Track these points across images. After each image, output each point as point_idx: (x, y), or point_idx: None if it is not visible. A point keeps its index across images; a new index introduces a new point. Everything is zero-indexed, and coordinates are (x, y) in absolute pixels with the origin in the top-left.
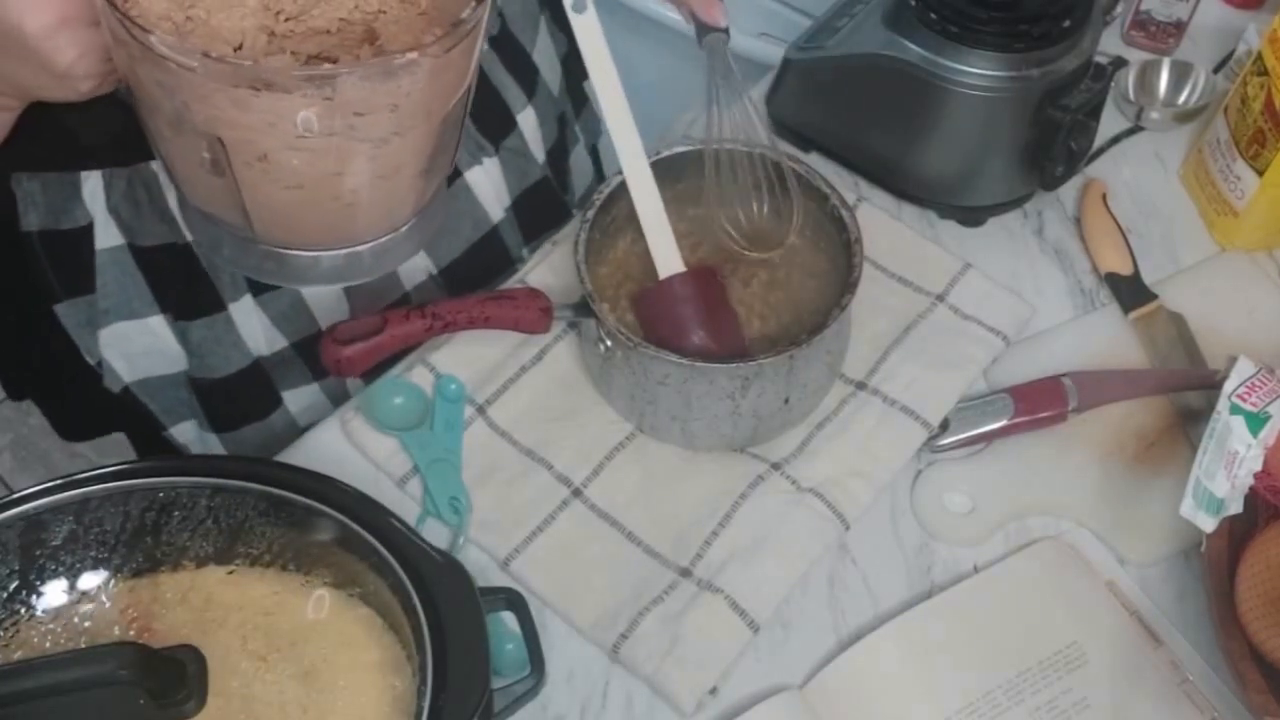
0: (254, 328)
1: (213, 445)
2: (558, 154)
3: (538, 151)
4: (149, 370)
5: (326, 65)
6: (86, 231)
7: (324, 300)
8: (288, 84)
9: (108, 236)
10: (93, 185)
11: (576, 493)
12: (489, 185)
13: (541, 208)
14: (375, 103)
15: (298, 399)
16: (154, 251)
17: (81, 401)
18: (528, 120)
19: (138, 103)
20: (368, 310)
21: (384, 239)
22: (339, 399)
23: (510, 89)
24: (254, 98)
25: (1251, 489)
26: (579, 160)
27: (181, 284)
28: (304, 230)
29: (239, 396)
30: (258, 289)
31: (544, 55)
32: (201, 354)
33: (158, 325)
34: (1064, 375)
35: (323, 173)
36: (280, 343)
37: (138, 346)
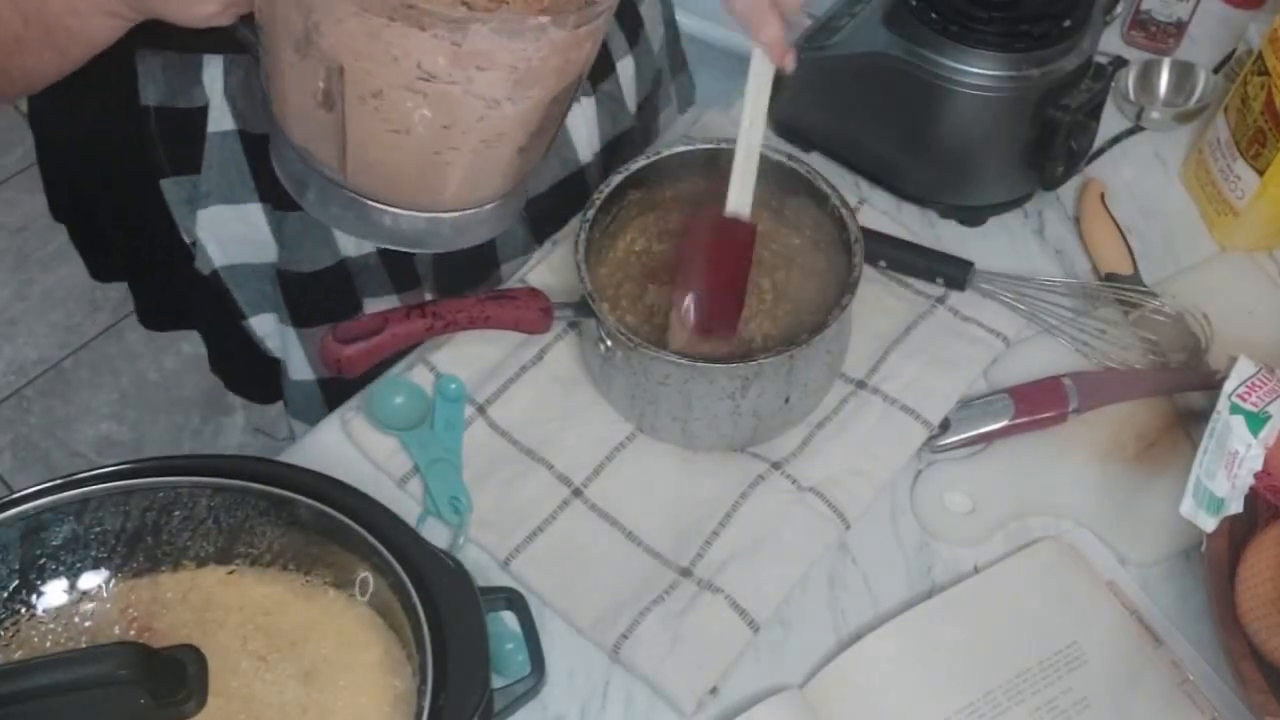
0: None
1: (290, 340)
2: (649, 110)
3: (631, 101)
4: (239, 257)
5: (463, 9)
6: (201, 113)
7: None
8: (421, 19)
9: (220, 121)
10: (213, 70)
11: (577, 492)
12: (583, 126)
13: (627, 157)
14: (498, 59)
15: (375, 308)
16: (262, 140)
17: (168, 285)
18: (626, 69)
19: (264, 28)
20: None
21: (468, 212)
22: None
23: (615, 35)
24: (385, 28)
25: (1251, 489)
26: (667, 123)
27: None
28: (395, 181)
29: (321, 294)
30: None
31: (650, 10)
32: (292, 246)
33: (254, 213)
34: (1064, 375)
35: (430, 122)
36: (368, 247)
37: (232, 232)
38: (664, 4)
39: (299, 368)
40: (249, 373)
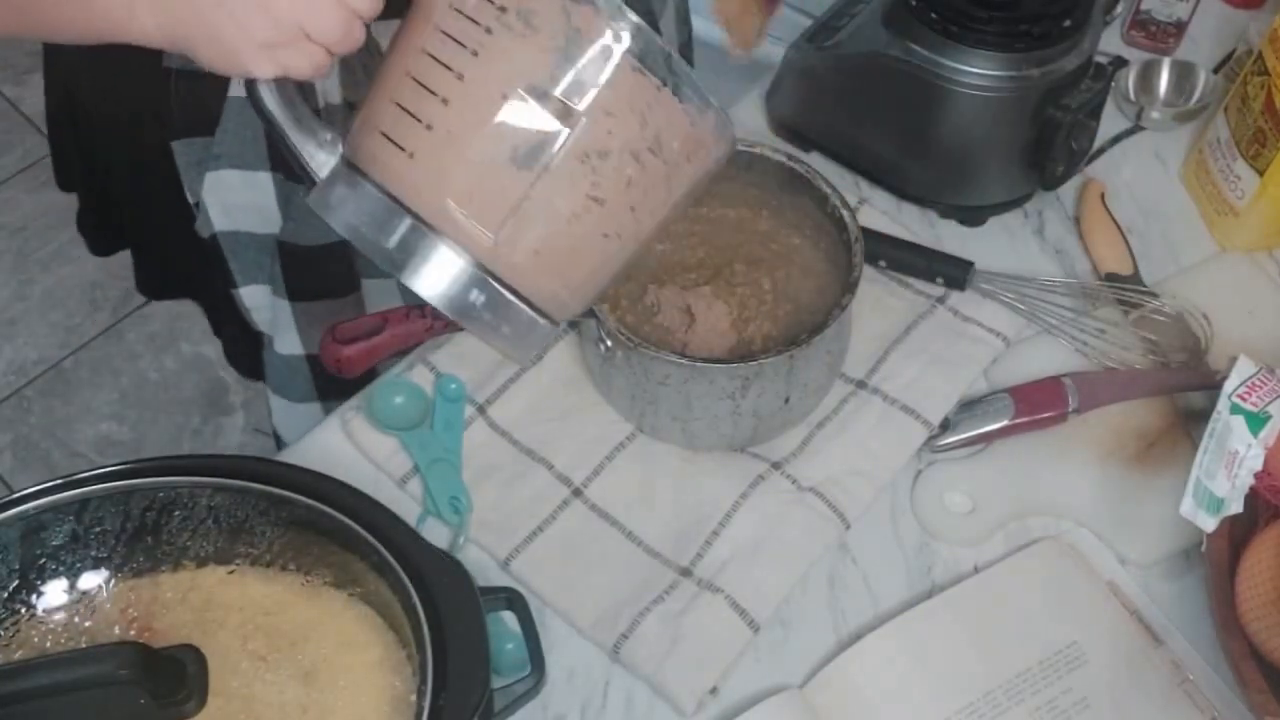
0: None
1: (282, 313)
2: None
3: None
4: (240, 224)
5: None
6: (224, 79)
7: None
8: (694, 91)
9: (242, 87)
10: None
11: (577, 492)
12: None
13: None
14: (701, 154)
15: (374, 289)
16: None
17: (169, 250)
18: None
19: (446, 79)
20: None
21: (544, 327)
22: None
23: None
24: (657, 91)
25: (1251, 489)
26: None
27: None
28: (544, 256)
29: (322, 270)
30: None
31: (666, 27)
32: (298, 220)
33: (264, 181)
34: (1064, 375)
35: (625, 197)
36: None
37: (238, 198)
38: (680, 27)
39: (288, 342)
40: (239, 346)
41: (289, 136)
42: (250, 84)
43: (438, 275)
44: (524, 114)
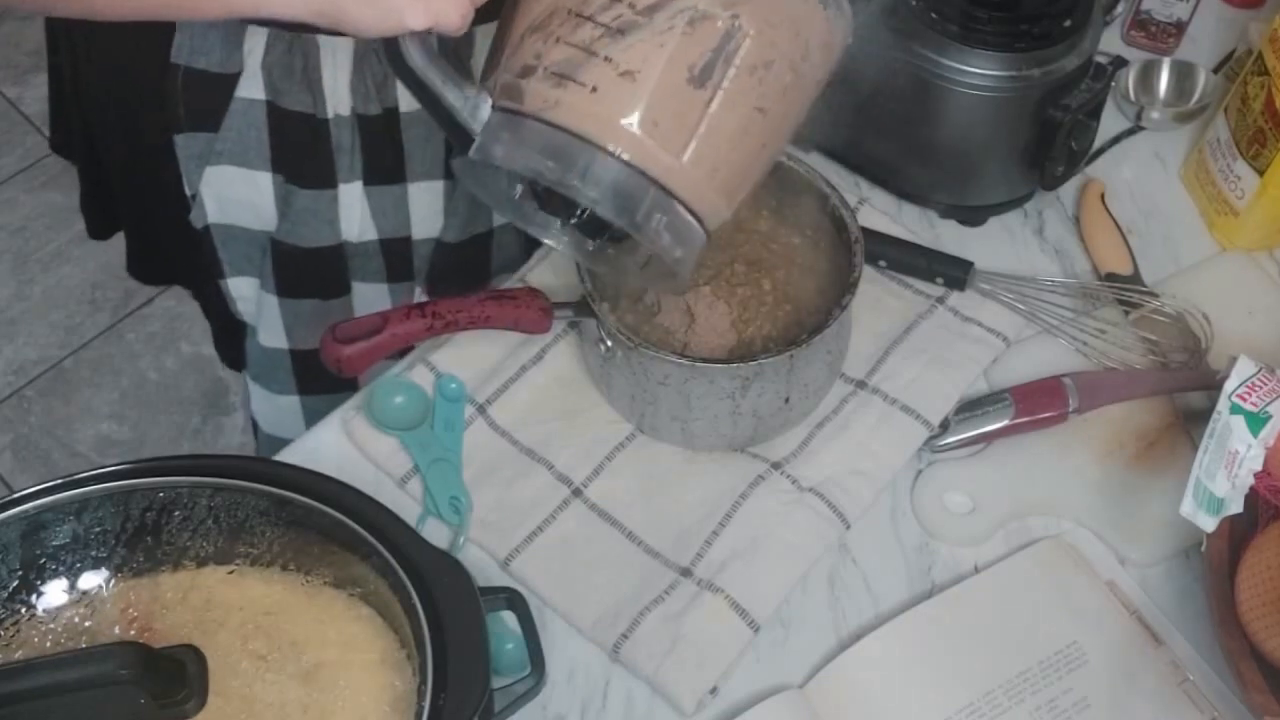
0: (353, 212)
1: (268, 307)
2: None
3: None
4: (236, 219)
5: None
6: (232, 80)
7: (423, 207)
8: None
9: (250, 89)
10: (254, 40)
11: (577, 492)
12: None
13: None
14: (832, 54)
15: (364, 293)
16: (290, 116)
17: (159, 237)
18: None
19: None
20: (460, 231)
21: (703, 243)
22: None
23: None
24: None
25: (1251, 489)
26: None
27: (304, 153)
28: (721, 175)
29: (313, 271)
30: (370, 178)
31: None
32: (295, 221)
33: (263, 181)
34: (1064, 375)
35: (783, 107)
36: (370, 234)
37: (235, 194)
38: None
39: (273, 335)
40: (224, 336)
41: (441, 92)
42: (393, 51)
43: (624, 202)
44: (698, 33)
